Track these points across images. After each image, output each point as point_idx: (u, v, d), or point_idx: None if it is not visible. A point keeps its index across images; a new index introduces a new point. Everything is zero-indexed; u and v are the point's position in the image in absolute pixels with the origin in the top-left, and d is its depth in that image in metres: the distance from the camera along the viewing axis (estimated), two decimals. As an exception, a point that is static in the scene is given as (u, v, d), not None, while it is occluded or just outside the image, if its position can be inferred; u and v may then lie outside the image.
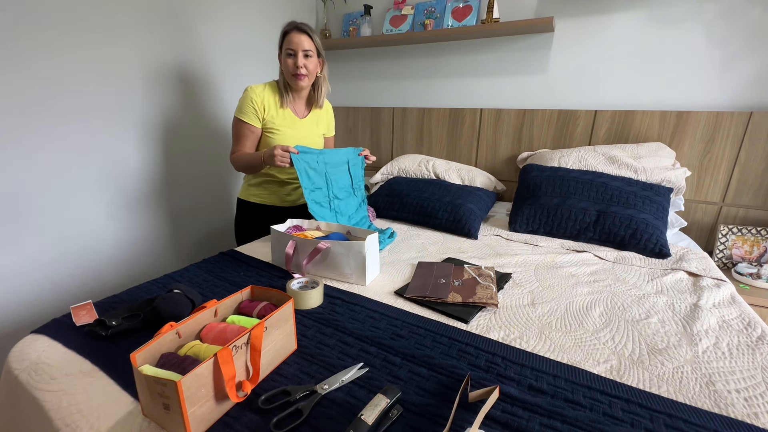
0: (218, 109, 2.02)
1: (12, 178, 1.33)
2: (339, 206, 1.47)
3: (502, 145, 2.15)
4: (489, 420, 0.62)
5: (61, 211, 1.48)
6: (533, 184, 1.68)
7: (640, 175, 1.64)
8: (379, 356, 0.78)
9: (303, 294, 0.96)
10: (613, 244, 1.44)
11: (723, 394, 0.70)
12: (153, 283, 1.09)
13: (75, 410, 0.65)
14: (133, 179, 1.70)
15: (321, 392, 0.67)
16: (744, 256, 1.64)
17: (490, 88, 2.17)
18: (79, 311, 0.88)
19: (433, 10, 2.16)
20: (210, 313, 0.78)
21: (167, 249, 1.91)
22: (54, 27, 1.35)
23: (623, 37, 1.79)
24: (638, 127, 1.81)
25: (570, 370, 0.75)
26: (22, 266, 1.40)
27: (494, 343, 0.84)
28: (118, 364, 0.74)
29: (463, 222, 1.58)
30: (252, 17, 2.11)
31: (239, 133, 1.43)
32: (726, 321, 0.95)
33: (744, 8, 1.57)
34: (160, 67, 1.71)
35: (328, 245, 1.11)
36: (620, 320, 0.95)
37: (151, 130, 1.73)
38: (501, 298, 1.05)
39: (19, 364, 0.76)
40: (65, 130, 1.44)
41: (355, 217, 1.53)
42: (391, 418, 0.61)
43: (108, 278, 1.67)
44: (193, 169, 1.96)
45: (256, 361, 0.68)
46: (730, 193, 1.70)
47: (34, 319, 1.44)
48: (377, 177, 2.17)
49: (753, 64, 1.60)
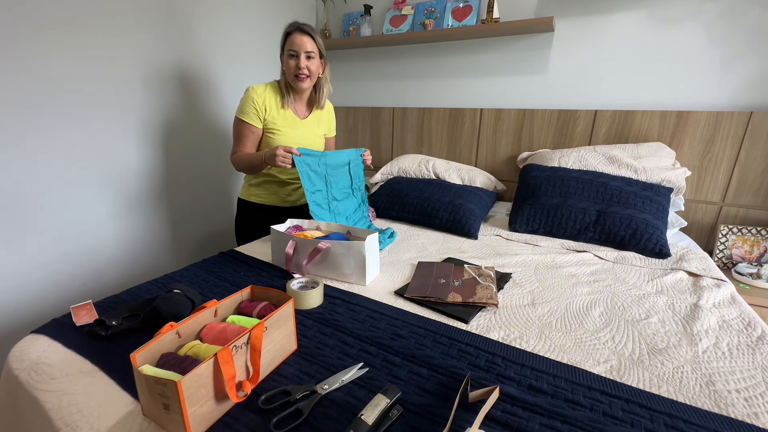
0: (218, 110, 2.02)
1: (12, 178, 1.33)
2: (337, 207, 1.47)
3: (502, 145, 2.15)
4: (489, 420, 0.62)
5: (61, 211, 1.48)
6: (533, 184, 1.68)
7: (640, 175, 1.64)
8: (379, 356, 0.78)
9: (303, 294, 0.96)
10: (613, 244, 1.44)
11: (723, 394, 0.70)
12: (153, 283, 1.09)
13: (75, 410, 0.65)
14: (133, 179, 1.70)
15: (321, 392, 0.67)
16: (744, 256, 1.64)
17: (490, 88, 2.17)
18: (79, 311, 0.88)
19: (433, 10, 2.16)
20: (210, 313, 0.78)
21: (167, 249, 1.91)
22: (54, 27, 1.35)
23: (623, 37, 1.79)
24: (638, 127, 1.81)
25: (570, 370, 0.75)
26: (22, 266, 1.40)
27: (494, 343, 0.84)
28: (118, 364, 0.74)
29: (463, 222, 1.58)
30: (252, 17, 2.10)
31: (240, 133, 1.43)
32: (726, 321, 0.95)
33: (744, 8, 1.57)
34: (160, 68, 1.71)
35: (328, 245, 1.11)
36: (620, 320, 0.95)
37: (151, 130, 1.73)
38: (501, 298, 1.05)
39: (19, 364, 0.76)
40: (65, 130, 1.44)
41: (354, 218, 1.53)
42: (391, 418, 0.61)
43: (108, 278, 1.67)
44: (194, 169, 1.96)
45: (256, 361, 0.68)
46: (730, 193, 1.70)
47: (34, 319, 1.44)
48: (377, 177, 2.17)
49: (753, 64, 1.60)
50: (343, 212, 1.49)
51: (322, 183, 1.41)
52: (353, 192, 1.54)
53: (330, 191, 1.44)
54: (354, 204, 1.55)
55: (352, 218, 1.53)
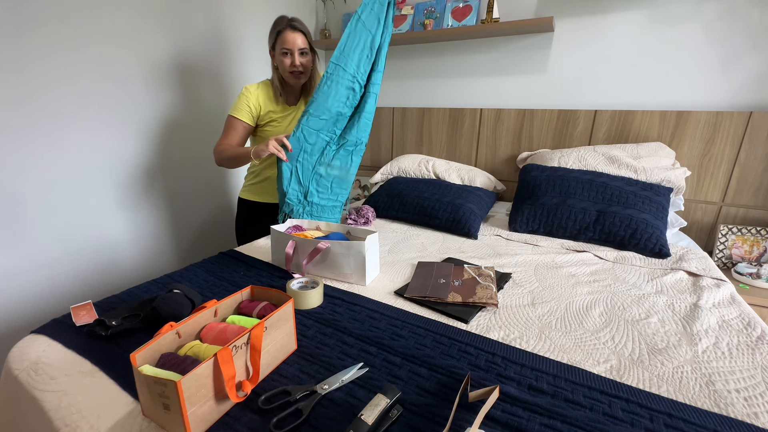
0: (219, 109, 2.02)
1: (12, 177, 1.33)
2: (313, 211, 1.48)
3: (502, 145, 2.15)
4: (489, 420, 0.62)
5: (61, 211, 1.47)
6: (533, 184, 1.68)
7: (640, 175, 1.64)
8: (379, 356, 0.78)
9: (303, 294, 0.96)
10: (613, 244, 1.44)
11: (723, 394, 0.70)
12: (153, 283, 1.09)
13: (75, 410, 0.64)
14: (133, 179, 1.70)
15: (321, 392, 0.67)
16: (744, 255, 1.64)
17: (490, 88, 2.17)
18: (79, 311, 0.88)
19: (433, 10, 2.16)
20: (210, 313, 0.78)
21: (167, 249, 1.91)
22: (54, 24, 1.35)
23: (623, 37, 1.79)
24: (638, 127, 1.81)
25: (570, 370, 0.75)
26: (22, 266, 1.39)
27: (494, 343, 0.84)
28: (118, 364, 0.74)
29: (463, 222, 1.58)
30: (252, 17, 2.11)
31: (229, 126, 1.43)
32: (726, 321, 0.95)
33: (744, 8, 1.57)
34: (160, 67, 1.71)
35: (328, 245, 1.11)
36: (620, 320, 0.95)
37: (151, 129, 1.73)
38: (501, 298, 1.05)
39: (18, 364, 0.76)
40: (65, 130, 1.44)
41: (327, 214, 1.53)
42: (391, 418, 0.61)
43: (108, 278, 1.67)
44: (194, 169, 1.96)
45: (256, 361, 0.68)
46: (729, 193, 1.70)
47: (34, 319, 1.44)
48: (377, 177, 2.17)
49: (753, 64, 1.60)
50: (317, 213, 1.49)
51: (306, 183, 1.41)
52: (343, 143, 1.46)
53: (313, 190, 1.45)
54: (334, 212, 1.54)
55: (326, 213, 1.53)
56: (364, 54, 1.35)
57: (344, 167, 1.47)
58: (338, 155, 1.45)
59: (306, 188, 1.42)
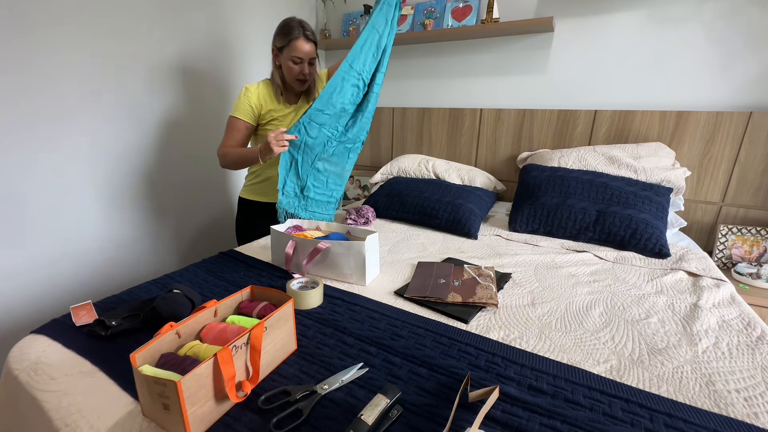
0: (219, 109, 2.02)
1: (12, 177, 1.33)
2: (308, 205, 1.49)
3: (501, 145, 2.15)
4: (489, 420, 0.62)
5: (60, 211, 1.47)
6: (533, 184, 1.68)
7: (639, 175, 1.64)
8: (379, 356, 0.78)
9: (303, 294, 0.96)
10: (613, 244, 1.44)
11: (723, 394, 0.70)
12: (153, 283, 1.09)
13: (75, 410, 0.64)
14: (133, 179, 1.70)
15: (321, 392, 0.67)
16: (744, 255, 1.64)
17: (490, 88, 2.17)
18: (78, 311, 0.88)
19: (433, 10, 2.16)
20: (210, 313, 0.78)
21: (167, 249, 1.91)
22: (54, 24, 1.35)
23: (623, 37, 1.79)
24: (638, 127, 1.81)
25: (570, 370, 0.75)
26: (22, 266, 1.39)
27: (494, 343, 0.84)
28: (118, 364, 0.74)
29: (463, 222, 1.58)
30: (253, 17, 2.11)
31: (231, 127, 1.42)
32: (726, 321, 0.95)
33: (744, 8, 1.57)
34: (160, 68, 1.71)
35: (328, 245, 1.11)
36: (620, 320, 0.95)
37: (151, 129, 1.73)
38: (501, 298, 1.05)
39: (18, 364, 0.76)
40: (66, 131, 1.44)
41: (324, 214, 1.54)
42: (391, 418, 0.61)
43: (108, 278, 1.67)
44: (194, 169, 1.96)
45: (256, 361, 0.68)
46: (729, 193, 1.70)
47: (34, 319, 1.44)
48: (377, 177, 2.17)
49: (753, 64, 1.60)
50: (313, 208, 1.50)
51: (304, 176, 1.43)
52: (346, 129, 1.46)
53: (309, 184, 1.46)
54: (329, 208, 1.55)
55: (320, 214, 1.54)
56: (370, 52, 1.38)
57: (341, 163, 1.50)
58: (337, 151, 1.47)
59: (304, 182, 1.44)
